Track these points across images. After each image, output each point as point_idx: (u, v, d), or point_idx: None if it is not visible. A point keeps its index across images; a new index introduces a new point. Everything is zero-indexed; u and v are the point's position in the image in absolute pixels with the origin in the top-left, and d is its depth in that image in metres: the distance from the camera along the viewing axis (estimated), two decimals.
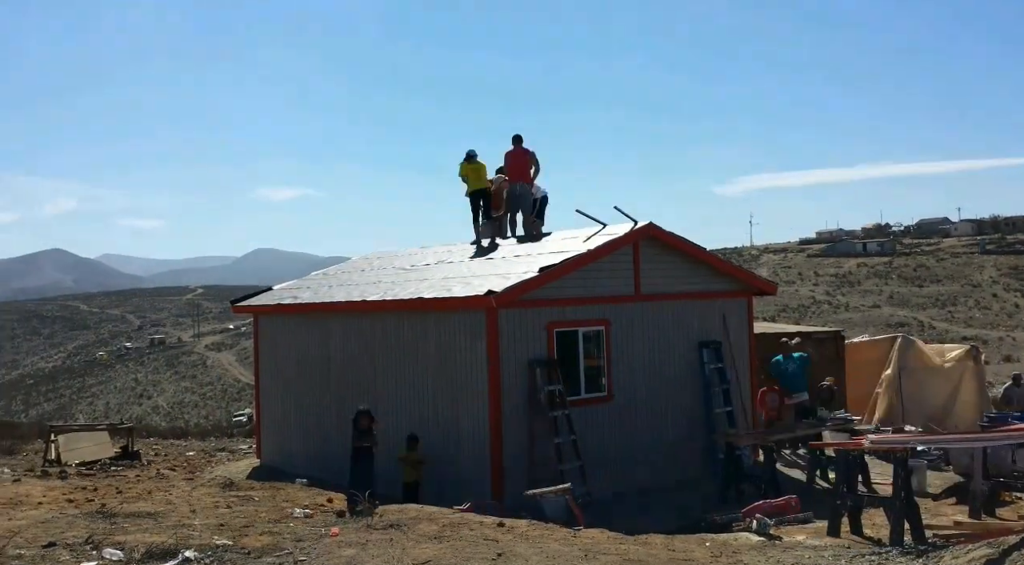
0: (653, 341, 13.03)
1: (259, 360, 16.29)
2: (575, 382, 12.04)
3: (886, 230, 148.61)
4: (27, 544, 7.46)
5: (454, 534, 7.95)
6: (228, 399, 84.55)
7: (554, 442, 11.34)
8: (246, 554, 7.33)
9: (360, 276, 15.33)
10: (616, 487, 12.11)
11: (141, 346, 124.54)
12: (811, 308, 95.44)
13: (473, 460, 11.43)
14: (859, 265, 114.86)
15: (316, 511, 9.85)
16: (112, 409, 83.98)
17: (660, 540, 8.39)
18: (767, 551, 7.82)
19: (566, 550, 7.35)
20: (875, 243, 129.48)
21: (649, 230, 12.84)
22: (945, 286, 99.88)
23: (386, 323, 12.98)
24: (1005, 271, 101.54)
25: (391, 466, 11.84)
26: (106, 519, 8.73)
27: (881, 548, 7.80)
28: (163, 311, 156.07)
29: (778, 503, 10.19)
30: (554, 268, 11.56)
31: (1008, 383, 16.29)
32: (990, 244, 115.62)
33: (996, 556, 6.26)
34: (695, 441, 13.32)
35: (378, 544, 7.51)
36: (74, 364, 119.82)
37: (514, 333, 11.41)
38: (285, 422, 15.27)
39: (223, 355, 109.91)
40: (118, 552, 7.13)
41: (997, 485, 10.28)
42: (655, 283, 13.06)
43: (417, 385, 12.39)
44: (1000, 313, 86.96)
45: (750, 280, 14.87)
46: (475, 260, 13.55)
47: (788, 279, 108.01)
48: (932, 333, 75.51)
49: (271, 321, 16.02)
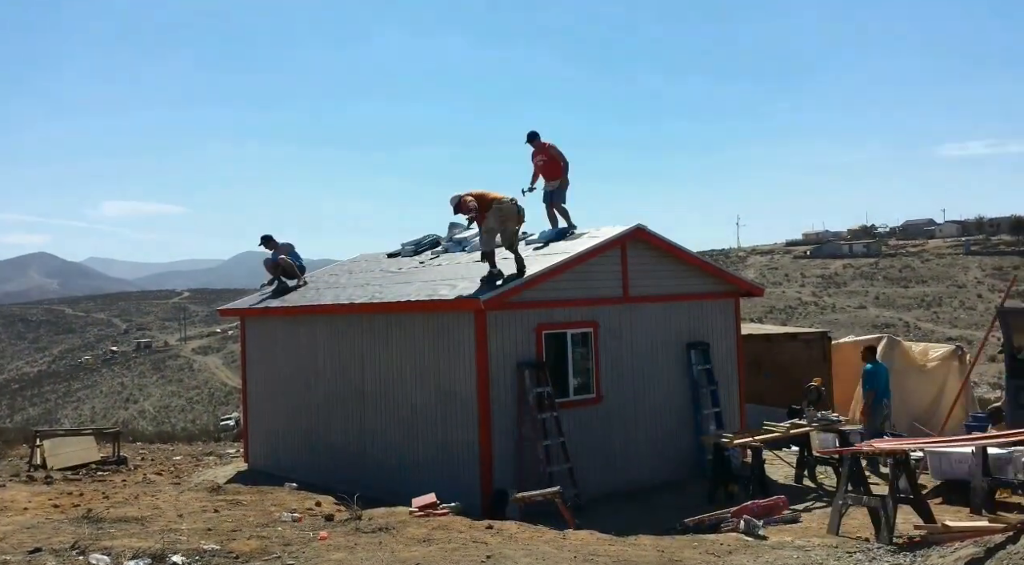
0: (641, 343, 13.06)
1: (246, 364, 16.22)
2: (564, 384, 12.05)
3: (872, 231, 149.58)
4: (13, 550, 7.41)
5: (443, 537, 7.96)
6: (215, 403, 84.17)
7: (543, 444, 11.35)
8: (234, 558, 7.31)
9: (347, 278, 15.29)
10: (605, 489, 12.13)
11: (127, 350, 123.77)
12: (798, 309, 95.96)
13: (461, 463, 11.42)
14: (845, 266, 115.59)
15: (304, 515, 9.82)
16: (98, 413, 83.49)
17: (649, 541, 8.41)
18: (756, 552, 7.86)
19: (555, 552, 7.36)
20: (861, 244, 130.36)
21: (637, 233, 12.88)
22: (930, 287, 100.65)
23: (374, 326, 12.95)
24: (990, 272, 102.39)
25: (386, 468, 11.82)
26: (92, 524, 8.68)
27: (870, 547, 7.85)
28: (149, 314, 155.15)
29: (766, 503, 10.24)
30: (543, 271, 11.58)
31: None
32: (975, 245, 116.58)
33: (982, 555, 6.31)
34: (683, 442, 13.35)
35: (367, 547, 7.50)
36: (59, 368, 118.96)
37: (502, 335, 11.41)
38: (273, 426, 15.20)
39: (210, 359, 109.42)
40: (105, 557, 7.09)
41: (996, 483, 10.34)
42: (643, 285, 13.10)
43: (405, 388, 12.37)
44: (985, 313, 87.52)
45: (737, 282, 14.93)
46: (463, 262, 13.54)
47: (775, 280, 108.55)
48: (918, 334, 76.06)
49: (258, 324, 15.96)
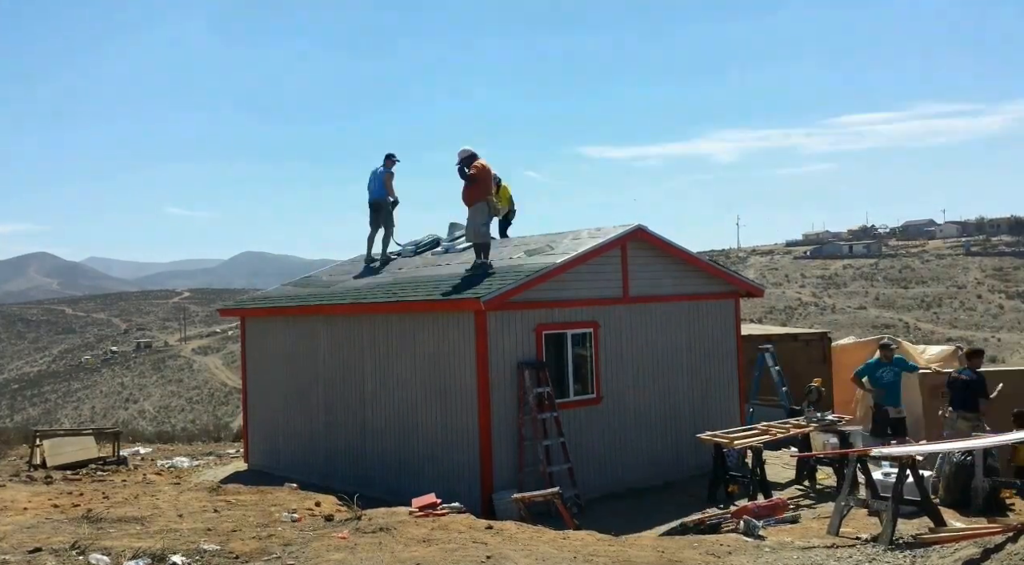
0: (641, 343, 13.06)
1: (246, 363, 16.22)
2: (564, 384, 12.05)
3: (872, 232, 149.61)
4: (12, 550, 7.41)
5: (443, 537, 7.95)
6: (215, 403, 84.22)
7: (543, 444, 11.36)
8: (234, 558, 7.31)
9: (348, 278, 15.29)
10: (605, 489, 12.13)
11: (127, 350, 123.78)
12: (798, 310, 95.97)
13: (461, 463, 11.42)
14: (845, 267, 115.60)
15: (304, 515, 9.81)
16: (98, 413, 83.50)
17: (649, 542, 8.41)
18: (756, 552, 7.85)
19: (555, 553, 7.36)
20: (861, 245, 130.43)
21: (637, 233, 12.88)
22: (930, 287, 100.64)
23: (374, 325, 12.96)
24: (990, 273, 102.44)
25: (386, 468, 11.82)
26: (92, 524, 8.68)
27: (870, 547, 7.85)
28: (149, 314, 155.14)
29: (766, 504, 10.24)
30: (543, 271, 11.58)
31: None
32: (975, 246, 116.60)
33: (982, 555, 6.31)
34: (683, 442, 13.35)
35: (367, 547, 7.50)
36: (59, 368, 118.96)
37: (502, 335, 11.41)
38: (273, 426, 15.21)
39: (210, 358, 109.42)
40: (104, 557, 7.09)
41: (997, 483, 10.33)
42: (643, 285, 13.10)
43: (405, 388, 12.37)
44: (985, 314, 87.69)
45: (737, 282, 14.93)
46: (463, 262, 13.53)
47: (775, 281, 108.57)
48: (917, 334, 76.13)
49: (258, 324, 15.96)
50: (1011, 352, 72.62)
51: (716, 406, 13.93)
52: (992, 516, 9.83)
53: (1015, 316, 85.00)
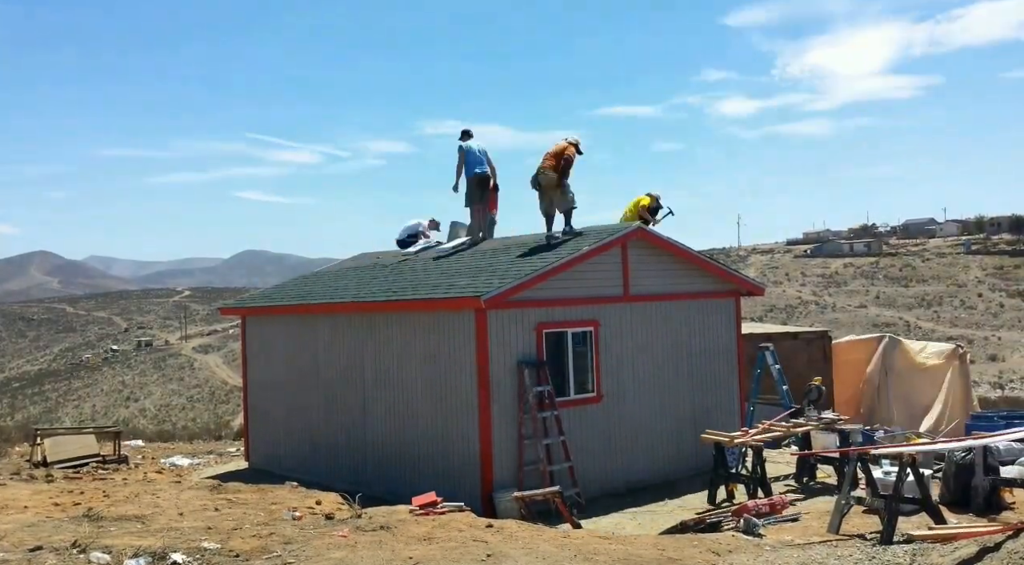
0: (641, 342, 13.06)
1: (247, 362, 16.24)
2: (564, 383, 12.05)
3: (872, 231, 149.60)
4: (13, 548, 7.42)
5: (443, 535, 7.96)
6: (216, 401, 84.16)
7: (543, 443, 11.36)
8: (235, 557, 7.31)
9: (348, 277, 15.30)
10: (605, 488, 12.14)
11: (128, 348, 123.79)
12: (798, 308, 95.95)
13: (462, 461, 11.43)
14: (846, 265, 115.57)
15: (305, 514, 9.82)
16: (99, 412, 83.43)
17: (650, 540, 8.42)
18: (756, 551, 7.86)
19: (556, 551, 7.37)
20: (861, 244, 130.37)
21: (638, 232, 12.88)
22: (931, 286, 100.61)
23: (374, 324, 12.96)
24: (990, 271, 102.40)
25: (387, 466, 11.82)
26: (93, 523, 8.68)
27: (870, 545, 7.85)
28: (150, 313, 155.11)
29: (766, 503, 10.24)
30: (544, 269, 11.58)
31: None
32: (975, 244, 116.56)
33: (982, 554, 6.32)
34: (684, 441, 13.35)
35: (367, 545, 7.51)
36: (60, 367, 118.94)
37: (503, 334, 11.41)
38: (273, 424, 15.22)
39: (210, 357, 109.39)
40: (105, 556, 7.10)
41: (998, 482, 10.33)
42: (644, 284, 13.09)
43: (406, 386, 12.38)
44: (985, 313, 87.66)
45: (738, 281, 14.92)
46: (464, 261, 13.54)
47: (776, 280, 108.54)
48: (918, 333, 76.06)
49: (259, 323, 15.97)
50: (1011, 350, 72.63)
51: (716, 405, 13.92)
52: (992, 515, 9.84)
53: (1015, 314, 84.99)
